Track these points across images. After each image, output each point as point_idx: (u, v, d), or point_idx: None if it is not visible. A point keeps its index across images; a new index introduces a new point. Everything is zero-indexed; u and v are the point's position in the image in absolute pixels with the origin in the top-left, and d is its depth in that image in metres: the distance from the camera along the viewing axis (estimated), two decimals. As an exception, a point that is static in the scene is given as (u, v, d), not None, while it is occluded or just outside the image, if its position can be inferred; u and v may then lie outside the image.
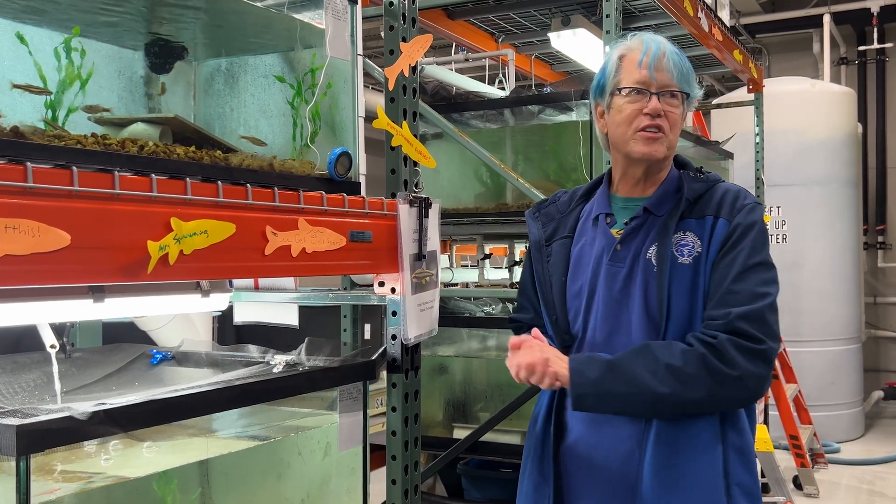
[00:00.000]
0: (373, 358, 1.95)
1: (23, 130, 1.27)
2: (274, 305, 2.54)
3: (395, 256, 1.84)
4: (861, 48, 8.58)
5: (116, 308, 1.69)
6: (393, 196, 1.90)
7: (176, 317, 3.15)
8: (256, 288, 2.36)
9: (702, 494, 1.66)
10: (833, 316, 6.82)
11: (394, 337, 1.93)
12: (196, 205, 1.39)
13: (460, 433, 3.38)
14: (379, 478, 2.02)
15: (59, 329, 1.96)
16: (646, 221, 1.75)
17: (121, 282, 1.31)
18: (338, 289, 2.71)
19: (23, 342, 2.10)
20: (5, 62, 1.49)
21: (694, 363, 1.60)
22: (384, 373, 1.98)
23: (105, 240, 1.25)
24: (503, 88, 5.14)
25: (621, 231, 1.76)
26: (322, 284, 2.67)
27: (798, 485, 5.38)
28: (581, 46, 4.12)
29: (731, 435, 1.70)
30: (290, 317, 2.54)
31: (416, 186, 2.03)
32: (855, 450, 6.54)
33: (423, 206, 1.90)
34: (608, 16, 3.10)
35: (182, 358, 2.14)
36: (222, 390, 1.61)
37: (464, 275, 4.74)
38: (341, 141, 1.87)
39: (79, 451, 1.65)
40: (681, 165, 1.83)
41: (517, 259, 4.11)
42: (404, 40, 1.99)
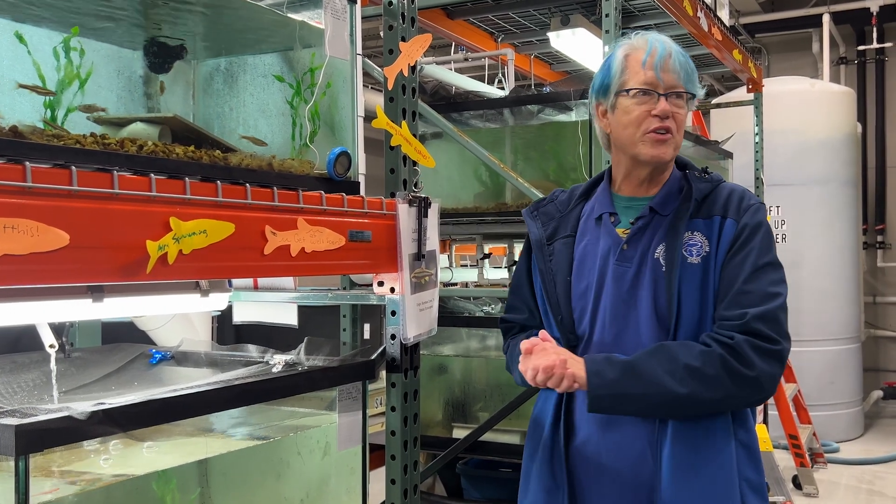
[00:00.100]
0: (372, 357, 1.95)
1: (22, 130, 1.27)
2: (273, 305, 2.53)
3: (395, 256, 1.84)
4: (860, 48, 8.58)
5: (115, 308, 1.69)
6: (392, 196, 1.90)
7: (175, 316, 3.14)
8: (256, 288, 2.36)
9: (719, 492, 1.66)
10: (832, 315, 6.82)
11: (393, 336, 1.93)
12: (195, 204, 1.39)
13: (459, 433, 3.37)
14: (378, 477, 2.02)
15: (59, 329, 1.96)
16: (651, 221, 1.74)
17: (120, 281, 1.31)
18: (337, 288, 2.71)
19: (22, 342, 2.10)
20: (4, 62, 1.49)
21: (713, 364, 1.59)
22: (383, 372, 1.98)
23: (104, 239, 1.25)
24: (502, 88, 5.15)
25: (627, 231, 1.75)
26: (321, 284, 2.67)
27: (797, 484, 5.38)
28: (580, 46, 4.12)
29: (741, 432, 1.71)
30: (290, 316, 2.54)
31: (416, 186, 2.03)
32: (854, 449, 6.54)
33: (423, 206, 1.90)
34: (607, 15, 3.10)
35: (181, 358, 2.14)
36: (221, 390, 1.61)
37: (463, 274, 4.74)
38: (340, 140, 1.87)
39: (78, 451, 1.65)
40: (682, 166, 1.83)
41: (517, 259, 4.10)
42: (403, 40, 1.99)
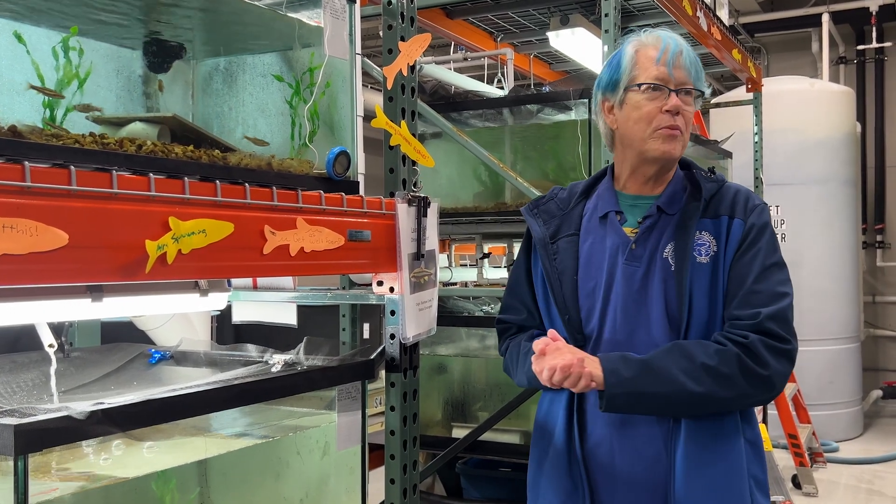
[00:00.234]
0: (371, 357, 1.95)
1: (21, 130, 1.27)
2: (272, 305, 2.53)
3: (394, 256, 1.84)
4: (860, 47, 8.59)
5: (115, 307, 1.69)
6: (391, 195, 1.90)
7: (174, 316, 3.14)
8: (255, 287, 2.36)
9: (731, 489, 1.66)
10: (832, 315, 6.82)
11: (392, 336, 1.93)
12: (194, 204, 1.39)
13: (459, 432, 3.37)
14: (378, 477, 2.02)
15: (58, 328, 1.96)
16: (659, 220, 1.74)
17: (119, 281, 1.31)
18: (336, 288, 2.70)
19: (21, 341, 2.10)
20: (3, 62, 1.49)
21: (729, 363, 1.60)
22: (383, 372, 1.98)
23: (103, 239, 1.24)
24: (502, 87, 5.15)
25: (635, 230, 1.75)
26: (321, 284, 2.67)
27: (797, 484, 5.39)
28: (580, 45, 4.12)
29: (748, 430, 1.72)
30: (289, 316, 2.54)
31: (415, 186, 2.03)
32: (853, 449, 6.54)
33: (422, 206, 1.90)
34: (607, 15, 3.10)
35: (180, 357, 2.14)
36: (221, 390, 1.61)
37: (462, 274, 4.74)
38: (340, 140, 1.87)
39: (77, 451, 1.65)
40: (684, 165, 1.82)
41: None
42: (403, 39, 1.99)
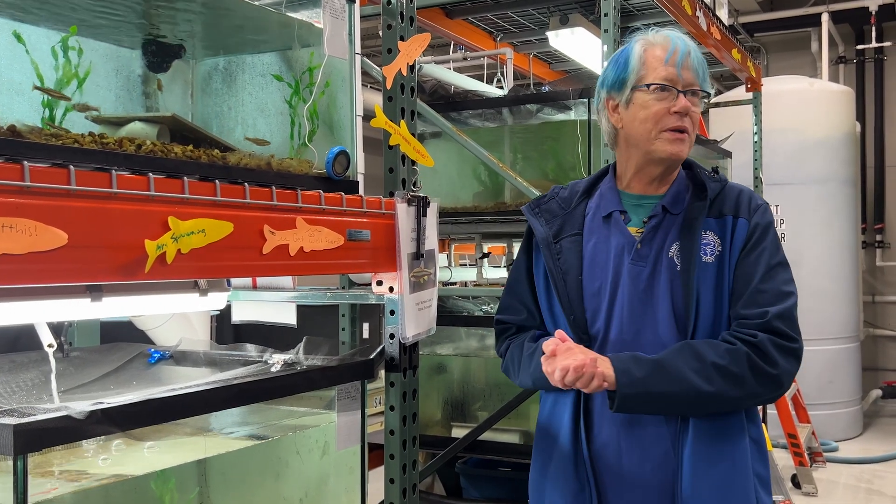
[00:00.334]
0: (371, 357, 1.95)
1: (20, 129, 1.27)
2: (272, 304, 2.53)
3: (394, 255, 1.84)
4: (859, 47, 8.59)
5: (114, 307, 1.69)
6: (391, 195, 1.90)
7: (174, 316, 3.14)
8: (254, 287, 2.36)
9: (736, 487, 1.66)
10: (831, 315, 6.82)
11: (392, 336, 1.93)
12: (194, 204, 1.39)
13: (459, 432, 3.37)
14: (377, 477, 2.03)
15: (57, 328, 1.96)
16: (663, 220, 1.74)
17: (118, 281, 1.31)
18: (336, 288, 2.71)
19: (20, 341, 2.10)
20: (2, 61, 1.49)
21: (739, 362, 1.60)
22: (382, 372, 1.98)
23: (102, 239, 1.24)
24: (501, 87, 5.14)
25: (639, 230, 1.75)
26: (320, 283, 2.67)
27: (796, 483, 5.39)
28: (579, 45, 4.12)
29: (752, 428, 1.72)
30: (289, 316, 2.53)
31: (415, 185, 2.03)
32: (853, 448, 6.54)
33: (422, 205, 1.90)
34: (606, 14, 3.10)
35: (180, 357, 2.14)
36: (220, 389, 1.61)
37: (462, 274, 4.74)
38: (339, 140, 1.87)
39: (77, 451, 1.65)
40: (686, 165, 1.82)
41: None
42: (402, 39, 1.99)
